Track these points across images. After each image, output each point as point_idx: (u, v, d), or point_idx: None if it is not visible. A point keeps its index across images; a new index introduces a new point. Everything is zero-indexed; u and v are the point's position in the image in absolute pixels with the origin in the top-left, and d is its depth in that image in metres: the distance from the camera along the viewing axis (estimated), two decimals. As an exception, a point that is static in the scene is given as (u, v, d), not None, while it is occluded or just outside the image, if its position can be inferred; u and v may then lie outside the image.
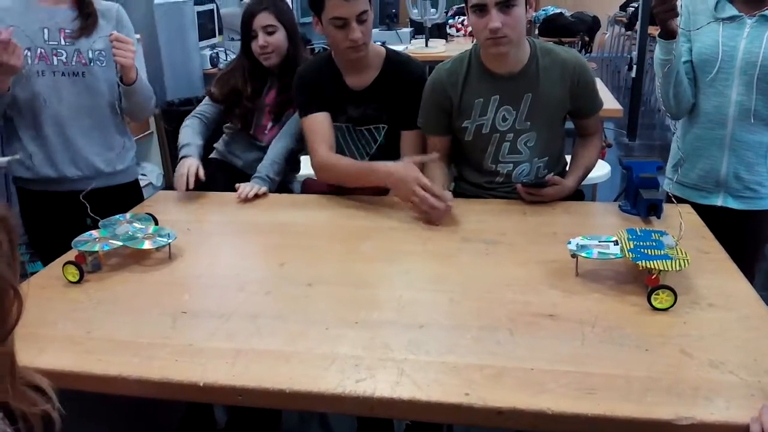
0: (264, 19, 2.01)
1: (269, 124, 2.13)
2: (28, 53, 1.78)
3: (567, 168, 1.91)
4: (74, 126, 1.87)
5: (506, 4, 1.61)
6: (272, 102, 2.10)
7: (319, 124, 1.88)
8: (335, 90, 1.89)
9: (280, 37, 2.03)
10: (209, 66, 4.51)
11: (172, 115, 3.19)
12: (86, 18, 1.84)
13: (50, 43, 1.80)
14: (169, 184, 2.19)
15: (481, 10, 1.63)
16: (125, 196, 1.99)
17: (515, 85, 1.77)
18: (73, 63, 1.83)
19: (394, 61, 1.89)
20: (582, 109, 1.84)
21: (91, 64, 1.85)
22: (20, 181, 1.93)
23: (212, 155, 2.24)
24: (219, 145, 2.26)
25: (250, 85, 2.08)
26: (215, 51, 4.61)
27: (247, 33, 2.06)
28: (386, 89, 1.87)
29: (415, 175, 1.64)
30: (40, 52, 1.80)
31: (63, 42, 1.82)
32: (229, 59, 4.03)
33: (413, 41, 5.26)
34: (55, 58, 1.81)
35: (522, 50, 1.75)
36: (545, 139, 1.83)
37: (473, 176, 1.90)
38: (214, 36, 4.77)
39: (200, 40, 4.46)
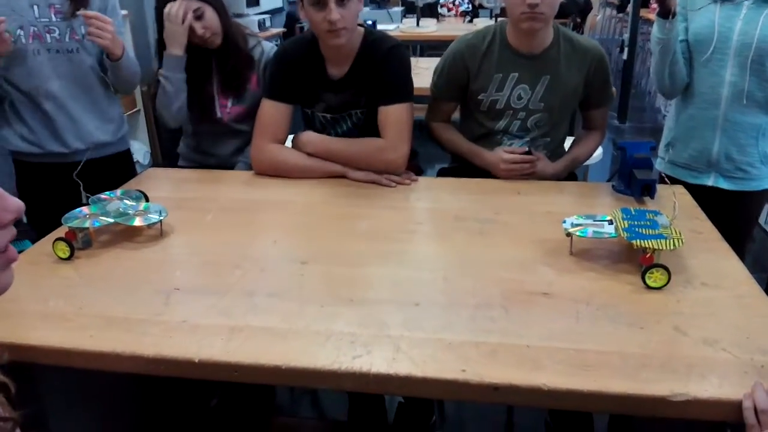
0: (188, 4, 1.84)
1: (229, 103, 2.01)
2: (21, 32, 1.76)
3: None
4: (74, 101, 1.88)
5: None
6: (221, 79, 1.98)
7: (277, 116, 1.80)
8: (314, 79, 1.82)
9: (210, 14, 1.88)
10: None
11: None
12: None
13: (41, 20, 1.78)
14: (156, 163, 2.16)
15: None
16: (120, 165, 2.02)
17: (535, 66, 1.78)
18: (67, 40, 1.82)
19: (369, 42, 1.79)
20: (592, 99, 1.86)
21: (84, 39, 1.83)
22: (21, 155, 1.93)
23: (180, 163, 2.14)
24: (183, 150, 2.14)
25: (195, 77, 1.96)
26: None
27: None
28: (363, 74, 1.79)
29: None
30: (34, 31, 1.78)
31: (54, 18, 1.80)
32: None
33: (404, 20, 5.22)
34: (48, 36, 1.80)
35: (547, 32, 1.76)
36: (554, 122, 1.86)
37: (475, 141, 1.90)
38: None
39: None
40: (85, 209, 1.46)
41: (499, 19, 1.75)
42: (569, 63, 1.78)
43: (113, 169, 1.95)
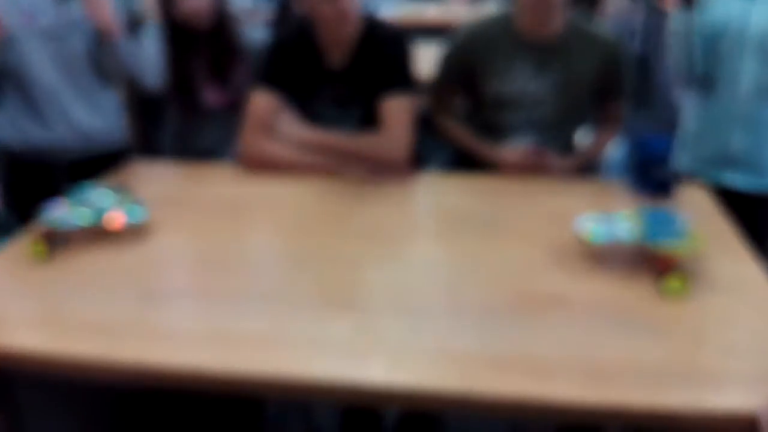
0: None
1: (214, 90, 1.98)
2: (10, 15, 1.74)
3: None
4: (64, 88, 1.85)
5: None
6: (208, 64, 1.96)
7: (269, 106, 1.74)
8: (311, 71, 1.76)
9: None
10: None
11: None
12: None
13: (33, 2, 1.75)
14: (135, 149, 2.12)
15: None
16: (114, 161, 1.94)
17: (546, 55, 1.73)
18: (59, 24, 1.78)
19: (369, 31, 1.73)
20: (605, 91, 1.80)
21: (75, 25, 1.80)
22: (5, 146, 1.90)
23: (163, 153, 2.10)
24: (166, 138, 2.12)
25: (181, 57, 1.94)
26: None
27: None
28: (364, 65, 1.73)
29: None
30: (24, 13, 1.74)
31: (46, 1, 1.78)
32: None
33: (405, 3, 5.18)
34: (39, 19, 1.76)
35: (558, 21, 1.70)
36: (565, 116, 1.79)
37: (479, 126, 1.86)
38: None
39: None
40: (64, 207, 1.39)
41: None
42: (582, 53, 1.72)
43: (107, 165, 1.87)
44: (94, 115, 1.91)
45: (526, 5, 1.67)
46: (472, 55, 1.77)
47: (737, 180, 1.84)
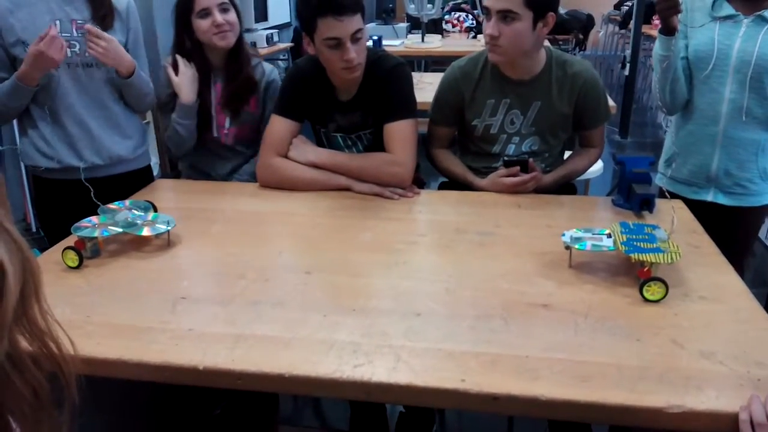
0: None
1: (226, 123, 2.01)
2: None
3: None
4: (92, 116, 1.90)
5: (505, 16, 1.63)
6: (222, 98, 1.98)
7: (285, 132, 1.82)
8: (324, 101, 1.84)
9: (233, 16, 1.89)
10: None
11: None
12: (102, 16, 1.84)
13: (63, 35, 1.79)
14: (164, 174, 2.18)
15: (487, 13, 1.67)
16: (140, 181, 2.00)
17: (526, 92, 1.80)
18: (87, 54, 1.82)
19: (372, 62, 1.79)
20: (583, 121, 1.87)
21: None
22: (38, 170, 1.94)
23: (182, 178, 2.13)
24: (182, 167, 2.14)
25: (200, 83, 1.95)
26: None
27: (186, 15, 1.88)
28: (370, 95, 1.81)
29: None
30: None
31: (75, 33, 1.82)
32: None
33: (409, 36, 5.27)
34: (69, 50, 1.80)
35: (535, 60, 1.77)
36: (549, 145, 1.88)
37: (474, 161, 1.93)
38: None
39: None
40: (94, 219, 1.48)
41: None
42: (561, 88, 1.79)
43: (133, 185, 1.94)
44: (121, 141, 1.96)
45: (488, 51, 1.74)
46: (459, 94, 1.84)
47: (719, 198, 1.87)
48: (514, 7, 1.62)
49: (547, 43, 2.00)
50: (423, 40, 4.83)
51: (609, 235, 1.35)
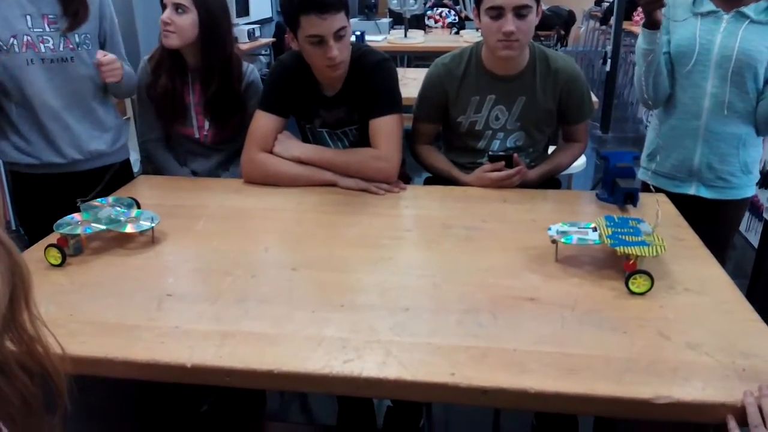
0: None
1: (206, 124, 1.98)
2: (15, 41, 1.75)
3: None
4: (69, 111, 1.87)
5: (522, 10, 1.64)
6: (199, 101, 1.95)
7: (269, 128, 1.81)
8: (309, 97, 1.84)
9: (187, 20, 1.82)
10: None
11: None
12: (74, 12, 1.81)
13: (35, 30, 1.77)
14: (146, 170, 2.15)
15: (499, 12, 1.66)
16: (119, 175, 2.00)
17: (511, 87, 1.81)
18: (61, 49, 1.80)
19: (357, 58, 1.78)
20: (567, 117, 1.89)
21: (79, 48, 1.84)
22: (17, 165, 1.91)
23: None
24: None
25: (175, 79, 1.93)
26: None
27: (163, 6, 1.83)
28: (354, 91, 1.81)
29: None
30: (27, 40, 1.77)
31: (48, 29, 1.79)
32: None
33: (392, 32, 5.26)
34: (42, 45, 1.78)
35: (522, 55, 1.78)
36: (533, 140, 1.89)
37: (459, 157, 1.94)
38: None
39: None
40: (77, 216, 1.46)
41: (475, 41, 1.75)
42: (544, 84, 1.81)
43: (112, 179, 1.94)
44: (99, 135, 1.95)
45: (493, 51, 1.73)
46: (443, 90, 1.85)
47: (702, 192, 1.89)
48: (528, 1, 1.65)
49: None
50: (406, 35, 4.82)
51: (594, 229, 1.36)
